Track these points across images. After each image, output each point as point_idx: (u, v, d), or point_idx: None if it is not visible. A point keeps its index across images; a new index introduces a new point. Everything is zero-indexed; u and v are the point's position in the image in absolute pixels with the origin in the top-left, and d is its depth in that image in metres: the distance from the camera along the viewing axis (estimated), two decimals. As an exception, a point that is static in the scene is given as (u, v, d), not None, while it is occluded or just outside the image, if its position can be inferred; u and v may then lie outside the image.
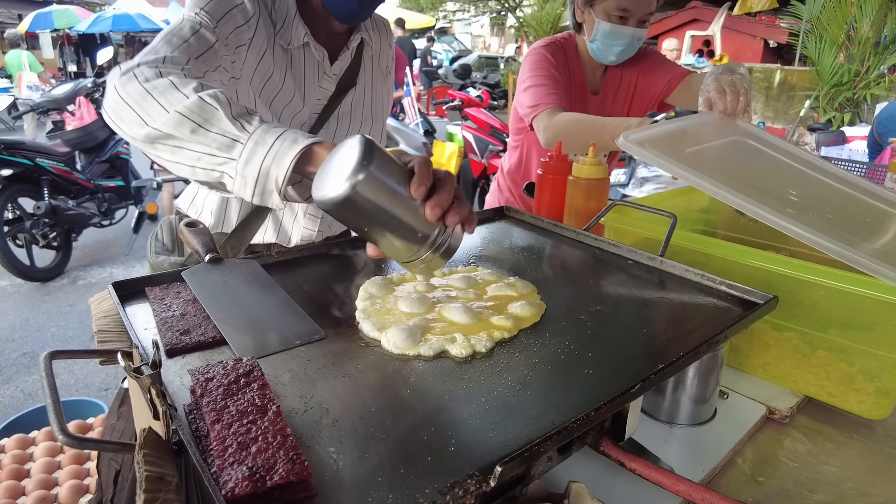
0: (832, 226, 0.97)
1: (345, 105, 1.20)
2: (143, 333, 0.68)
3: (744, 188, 0.95)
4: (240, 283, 0.78)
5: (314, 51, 1.10)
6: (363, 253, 0.98)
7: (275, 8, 1.05)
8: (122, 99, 0.76)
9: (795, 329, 0.94)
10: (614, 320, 0.77)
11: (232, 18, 0.97)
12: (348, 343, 0.68)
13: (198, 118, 0.71)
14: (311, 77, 1.12)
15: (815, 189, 1.15)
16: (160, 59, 0.82)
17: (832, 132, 5.31)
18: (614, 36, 1.52)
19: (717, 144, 1.18)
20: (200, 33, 0.91)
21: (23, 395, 2.94)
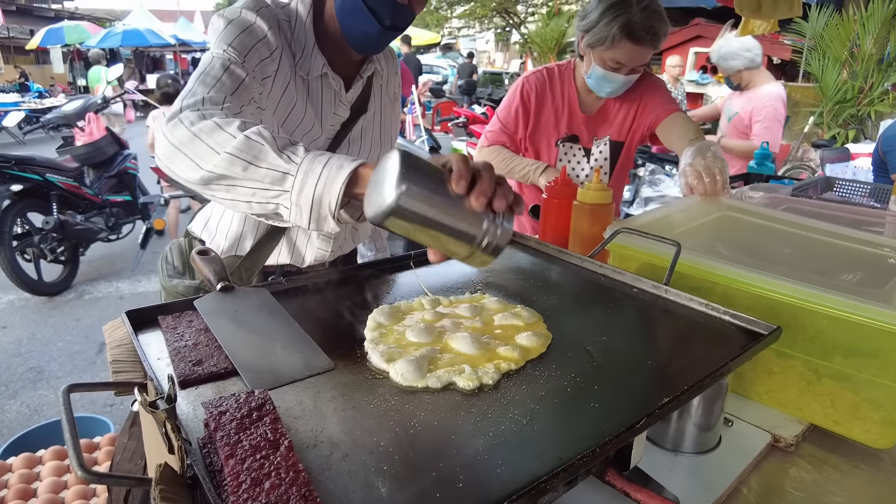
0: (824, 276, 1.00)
1: (356, 130, 1.24)
2: (156, 364, 0.69)
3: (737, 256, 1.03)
4: (251, 312, 0.79)
5: (332, 80, 1.14)
6: (373, 280, 1.00)
7: (294, 39, 1.09)
8: (173, 146, 0.80)
9: (799, 357, 0.95)
10: (619, 351, 0.78)
11: (257, 52, 1.00)
12: (357, 374, 0.69)
13: (247, 156, 0.74)
14: (327, 105, 1.16)
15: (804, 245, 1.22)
16: (199, 100, 0.86)
17: (836, 149, 5.33)
18: (606, 80, 1.66)
19: (705, 222, 1.28)
20: (231, 70, 0.95)
21: (28, 411, 2.95)
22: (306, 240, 1.26)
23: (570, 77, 1.80)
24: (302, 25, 1.10)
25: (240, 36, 0.99)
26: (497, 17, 15.03)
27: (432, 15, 16.89)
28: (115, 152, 4.75)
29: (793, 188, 2.07)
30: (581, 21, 1.64)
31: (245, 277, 1.17)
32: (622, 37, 1.53)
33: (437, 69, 15.30)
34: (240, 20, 1.02)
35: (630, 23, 1.51)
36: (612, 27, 1.53)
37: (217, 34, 1.00)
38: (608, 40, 1.55)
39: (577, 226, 1.30)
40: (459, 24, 19.11)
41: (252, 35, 1.01)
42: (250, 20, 1.02)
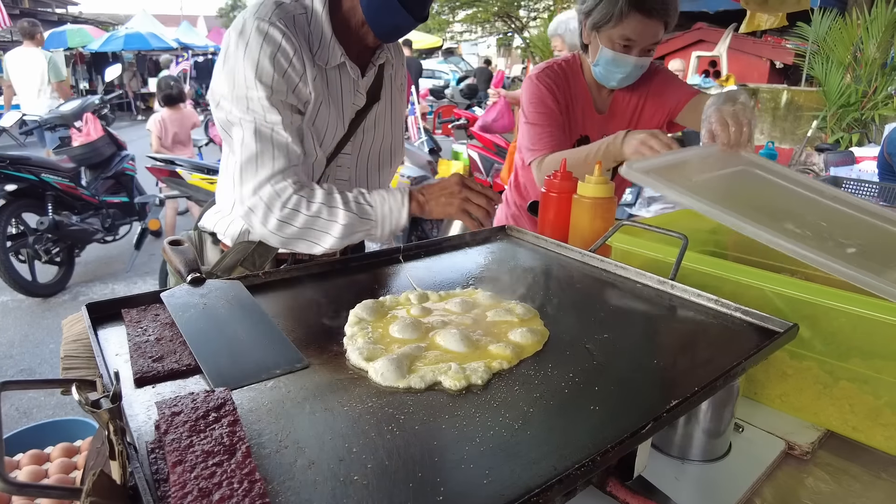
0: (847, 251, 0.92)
1: (370, 118, 1.24)
2: (113, 360, 0.63)
3: (755, 216, 0.90)
4: (221, 306, 0.73)
5: (349, 69, 1.15)
6: (358, 273, 0.94)
7: (311, 32, 1.10)
8: (288, 238, 1.06)
9: (815, 358, 0.88)
10: (622, 349, 0.71)
11: (289, 81, 1.06)
12: (333, 373, 0.63)
13: (348, 231, 1.05)
14: (346, 94, 1.17)
15: (827, 215, 1.10)
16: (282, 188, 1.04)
17: (841, 152, 5.26)
18: (616, 63, 1.50)
19: (723, 174, 1.16)
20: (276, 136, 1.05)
21: (17, 413, 2.88)
22: None
23: (579, 73, 1.65)
24: (318, 17, 1.10)
25: (261, 59, 1.02)
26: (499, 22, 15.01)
27: (434, 19, 16.88)
28: (112, 153, 4.70)
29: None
30: (582, 4, 1.51)
31: (258, 264, 1.19)
32: (630, 9, 1.40)
33: (439, 74, 15.27)
34: (265, 48, 1.02)
35: (639, 2, 1.39)
36: (618, 3, 1.40)
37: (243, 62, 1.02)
38: (615, 16, 1.42)
39: (577, 221, 1.23)
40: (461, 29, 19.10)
41: (280, 64, 1.04)
42: (276, 41, 1.03)
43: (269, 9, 1.05)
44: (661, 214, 1.46)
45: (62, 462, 1.52)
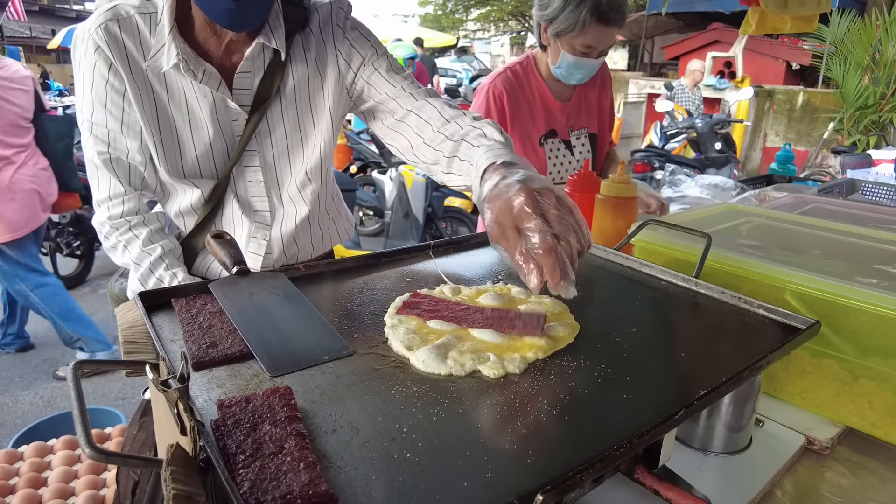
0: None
1: (272, 119, 1.08)
2: (169, 345, 0.67)
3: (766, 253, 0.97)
4: (267, 295, 0.77)
5: (191, 70, 0.99)
6: (391, 268, 0.97)
7: (155, 33, 0.98)
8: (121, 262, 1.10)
9: (835, 356, 0.91)
10: (651, 343, 0.74)
11: (113, 102, 1.01)
12: (377, 360, 0.66)
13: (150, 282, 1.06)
14: (204, 100, 1.03)
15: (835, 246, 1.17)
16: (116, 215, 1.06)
17: (858, 154, 5.23)
18: (577, 66, 1.62)
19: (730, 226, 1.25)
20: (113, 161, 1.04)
21: (42, 402, 2.96)
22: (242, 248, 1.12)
23: (533, 70, 1.74)
24: (162, 17, 0.98)
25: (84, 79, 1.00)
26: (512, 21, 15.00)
27: (448, 18, 16.89)
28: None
29: (817, 189, 2.02)
30: (542, 11, 1.58)
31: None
32: (592, 20, 1.50)
33: (452, 72, 15.28)
34: (78, 53, 1.00)
35: (598, 4, 1.48)
36: (581, 11, 1.49)
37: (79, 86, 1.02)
38: (577, 25, 1.51)
39: (600, 220, 1.26)
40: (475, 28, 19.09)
41: (88, 71, 0.99)
42: (86, 45, 0.98)
43: (95, 17, 0.99)
44: (680, 213, 1.48)
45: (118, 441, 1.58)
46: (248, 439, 0.50)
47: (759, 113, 7.46)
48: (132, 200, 1.06)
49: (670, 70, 11.46)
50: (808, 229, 1.26)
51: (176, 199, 1.13)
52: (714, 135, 5.34)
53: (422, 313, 0.76)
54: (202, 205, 1.11)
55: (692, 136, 5.49)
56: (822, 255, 1.12)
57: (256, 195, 1.13)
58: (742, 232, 1.21)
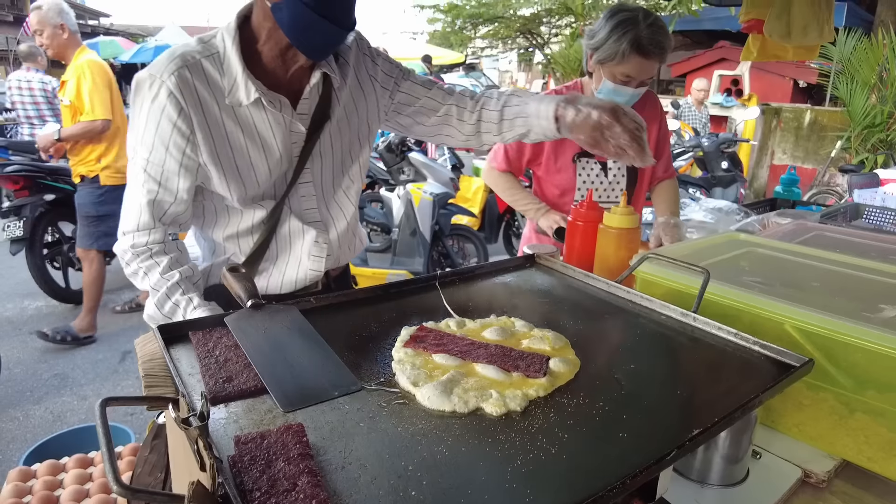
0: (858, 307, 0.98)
1: (324, 140, 1.21)
2: (188, 379, 0.71)
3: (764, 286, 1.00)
4: (280, 329, 0.80)
5: (267, 105, 1.10)
6: (399, 299, 1.01)
7: (224, 73, 1.08)
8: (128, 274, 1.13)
9: (831, 390, 0.93)
10: (648, 379, 0.77)
11: (176, 146, 1.07)
12: (384, 396, 0.69)
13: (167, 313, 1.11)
14: (276, 127, 1.14)
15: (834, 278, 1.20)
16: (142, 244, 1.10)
17: (865, 174, 5.23)
18: (616, 93, 1.70)
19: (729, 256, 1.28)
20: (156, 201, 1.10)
21: (52, 417, 3.00)
22: (296, 263, 1.26)
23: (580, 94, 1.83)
24: (229, 57, 1.08)
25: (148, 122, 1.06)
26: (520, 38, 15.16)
27: (456, 35, 17.08)
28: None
29: (821, 215, 2.04)
30: (590, 40, 1.71)
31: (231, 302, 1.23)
32: (631, 52, 1.61)
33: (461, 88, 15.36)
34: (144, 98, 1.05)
35: (638, 38, 1.60)
36: (622, 43, 1.61)
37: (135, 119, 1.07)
38: (618, 55, 1.63)
39: (602, 250, 1.29)
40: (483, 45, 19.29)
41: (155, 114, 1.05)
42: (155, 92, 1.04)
43: (164, 65, 1.05)
44: (682, 243, 1.51)
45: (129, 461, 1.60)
46: (264, 476, 0.53)
47: (766, 131, 7.48)
48: (158, 232, 1.11)
49: (677, 87, 11.52)
50: (809, 261, 1.28)
51: (235, 223, 1.20)
52: (720, 154, 5.37)
53: (428, 347, 0.79)
54: (263, 223, 1.20)
55: (699, 154, 5.52)
56: (821, 287, 1.14)
57: (309, 207, 1.24)
58: (743, 266, 1.23)
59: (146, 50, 16.51)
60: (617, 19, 1.64)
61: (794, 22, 2.00)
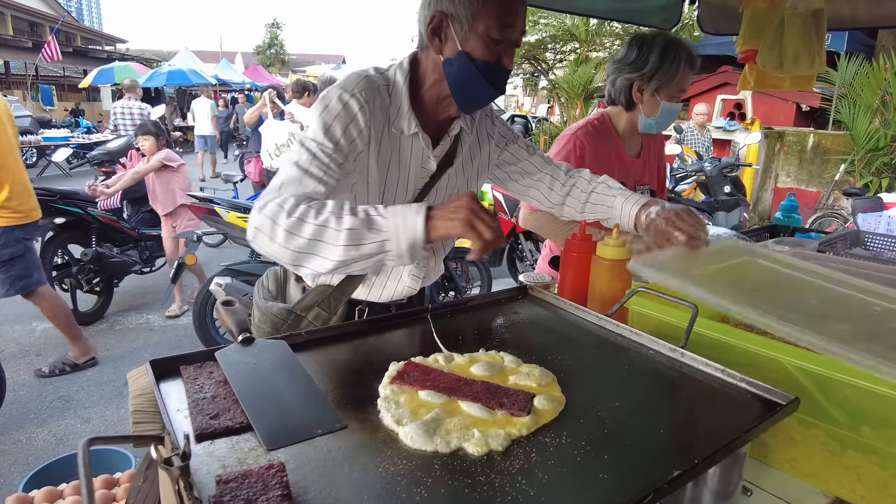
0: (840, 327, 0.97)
1: (442, 181, 1.34)
2: (175, 415, 0.72)
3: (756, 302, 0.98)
4: (269, 365, 0.81)
5: (421, 139, 1.25)
6: (390, 332, 1.02)
7: (391, 103, 1.22)
8: (299, 253, 0.99)
9: (822, 426, 0.92)
10: (632, 417, 0.77)
11: (348, 134, 1.15)
12: (368, 434, 0.70)
13: (353, 241, 0.97)
14: (415, 161, 1.28)
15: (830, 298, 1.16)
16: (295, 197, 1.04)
17: (869, 198, 5.22)
18: (672, 112, 1.84)
19: (725, 266, 1.26)
20: (320, 159, 1.11)
21: (55, 440, 3.00)
22: (396, 279, 1.36)
23: (608, 127, 1.91)
24: (398, 90, 1.22)
25: (332, 122, 1.13)
26: (526, 64, 15.35)
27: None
28: (153, 188, 4.95)
29: (819, 242, 2.03)
30: (637, 71, 1.78)
31: (333, 306, 1.31)
32: (686, 67, 1.75)
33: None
34: (341, 117, 1.14)
35: (688, 54, 1.75)
36: (678, 62, 1.74)
37: (316, 119, 1.15)
38: (678, 75, 1.75)
39: (596, 281, 1.30)
40: (488, 68, 19.39)
41: (349, 133, 1.15)
42: (353, 112, 1.15)
43: (354, 81, 1.18)
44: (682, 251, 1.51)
45: (103, 494, 1.61)
46: (242, 518, 0.54)
47: (769, 154, 7.50)
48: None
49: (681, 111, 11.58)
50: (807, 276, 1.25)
51: None
52: (723, 178, 5.38)
53: (414, 383, 0.80)
54: None
55: (701, 179, 5.53)
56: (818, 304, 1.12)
57: None
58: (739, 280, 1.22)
59: (159, 74, 16.87)
60: (661, 43, 1.75)
61: (785, 53, 2.03)
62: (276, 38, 36.27)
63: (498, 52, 1.17)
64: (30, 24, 27.15)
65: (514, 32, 1.18)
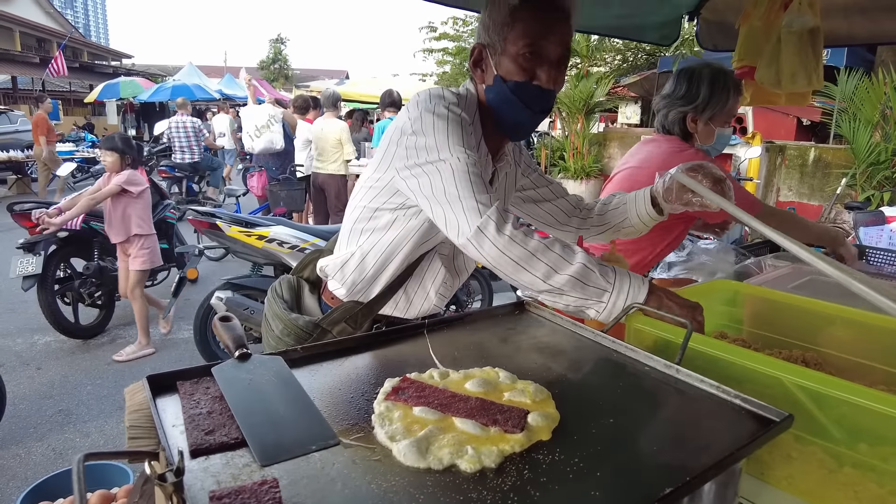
0: None
1: None
2: (171, 431, 0.72)
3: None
4: (264, 381, 0.82)
5: (486, 162, 1.29)
6: (387, 347, 1.02)
7: (474, 129, 1.24)
8: (514, 261, 1.04)
9: (819, 443, 0.92)
10: (626, 434, 0.77)
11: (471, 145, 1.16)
12: (361, 450, 0.70)
13: (582, 278, 1.03)
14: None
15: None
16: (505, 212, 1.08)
17: (871, 212, 5.21)
18: (726, 137, 1.99)
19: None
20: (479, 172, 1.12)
21: (54, 454, 2.99)
22: (423, 296, 1.38)
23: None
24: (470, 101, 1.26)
25: (463, 135, 1.15)
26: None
27: (465, 76, 17.48)
28: (155, 201, 4.97)
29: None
30: (689, 104, 1.91)
31: (360, 322, 1.33)
32: (735, 94, 1.91)
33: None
34: (456, 118, 1.16)
35: (736, 82, 1.89)
36: (728, 91, 1.88)
37: (443, 133, 1.13)
38: (728, 103, 1.90)
39: (592, 296, 1.30)
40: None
41: (468, 131, 1.17)
42: (457, 114, 1.17)
43: (450, 98, 1.20)
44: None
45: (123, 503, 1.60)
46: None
47: (770, 168, 7.52)
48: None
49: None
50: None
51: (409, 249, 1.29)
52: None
53: (409, 400, 0.80)
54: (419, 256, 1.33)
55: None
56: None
57: (446, 253, 1.38)
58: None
59: (164, 89, 17.05)
60: (709, 75, 1.87)
61: (782, 70, 2.05)
62: (280, 54, 36.64)
63: (531, 71, 1.18)
64: (37, 39, 27.55)
65: (548, 47, 1.18)
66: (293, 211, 6.34)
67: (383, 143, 1.23)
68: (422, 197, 1.14)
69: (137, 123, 19.55)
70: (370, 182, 1.27)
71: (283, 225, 3.61)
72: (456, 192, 1.08)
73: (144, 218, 4.10)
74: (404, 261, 1.30)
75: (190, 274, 3.96)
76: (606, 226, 1.52)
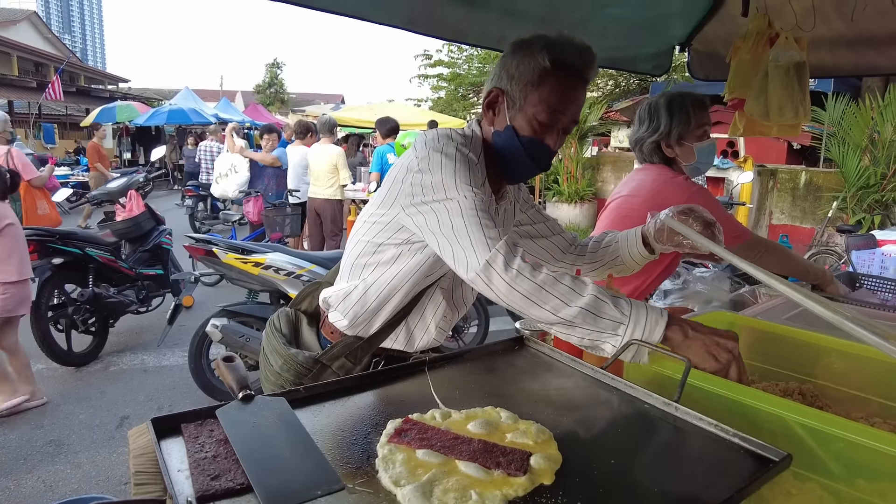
0: None
1: None
2: (177, 476, 0.72)
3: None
4: (268, 424, 0.82)
5: (490, 200, 1.31)
6: (388, 386, 1.03)
7: (479, 170, 1.24)
8: (524, 296, 1.02)
9: (818, 480, 0.92)
10: (627, 476, 0.78)
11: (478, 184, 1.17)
12: (366, 495, 0.71)
13: (594, 310, 1.00)
14: None
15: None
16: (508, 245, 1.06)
17: (862, 235, 5.28)
18: (707, 149, 1.99)
19: None
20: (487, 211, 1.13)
21: (44, 487, 2.94)
22: (423, 329, 1.39)
23: None
24: (476, 142, 1.30)
25: (470, 175, 1.16)
26: (521, 102, 15.68)
27: (459, 102, 17.72)
28: (151, 227, 4.98)
29: (812, 286, 2.06)
30: (655, 133, 1.95)
31: (359, 358, 1.34)
32: (696, 109, 1.94)
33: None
34: (463, 158, 1.17)
35: (693, 96, 1.94)
36: (686, 107, 1.93)
37: (450, 172, 1.14)
38: (691, 118, 1.93)
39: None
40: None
41: (474, 171, 1.18)
42: (465, 154, 1.19)
43: (458, 139, 1.22)
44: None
45: None
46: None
47: (762, 192, 7.63)
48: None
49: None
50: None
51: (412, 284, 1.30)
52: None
53: (412, 442, 0.81)
54: (420, 291, 1.34)
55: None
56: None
57: (456, 286, 1.41)
58: None
59: (160, 113, 17.16)
60: (664, 102, 1.93)
61: (770, 103, 2.11)
62: (277, 78, 36.99)
63: (542, 134, 1.24)
64: (35, 64, 27.77)
65: (563, 119, 1.24)
66: (288, 236, 6.36)
67: (387, 181, 1.25)
68: (429, 233, 1.15)
69: (133, 147, 19.61)
70: (374, 218, 1.28)
71: (279, 251, 3.62)
72: (464, 227, 1.09)
73: (4, 258, 3.42)
74: (407, 294, 1.31)
75: (186, 301, 3.94)
76: (599, 263, 1.54)
